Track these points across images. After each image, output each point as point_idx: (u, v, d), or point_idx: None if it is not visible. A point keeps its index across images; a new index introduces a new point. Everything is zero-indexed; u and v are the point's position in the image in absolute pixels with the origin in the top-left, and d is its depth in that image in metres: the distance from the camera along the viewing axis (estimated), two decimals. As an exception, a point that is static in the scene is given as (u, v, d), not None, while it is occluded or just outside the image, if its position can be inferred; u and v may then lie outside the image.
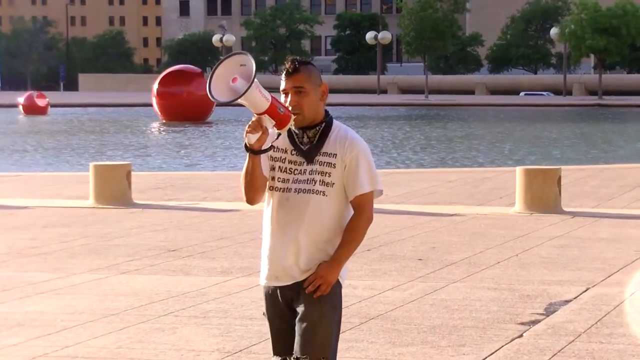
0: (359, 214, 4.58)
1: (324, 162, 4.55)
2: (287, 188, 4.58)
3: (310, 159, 4.56)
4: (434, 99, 76.77)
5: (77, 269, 10.11)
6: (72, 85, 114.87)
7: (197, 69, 52.90)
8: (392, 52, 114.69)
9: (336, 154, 4.55)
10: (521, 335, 7.44)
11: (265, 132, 4.44)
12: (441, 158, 29.22)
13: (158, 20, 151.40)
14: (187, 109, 47.80)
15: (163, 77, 49.45)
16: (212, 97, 4.41)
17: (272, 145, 4.54)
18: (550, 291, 8.98)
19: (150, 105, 51.43)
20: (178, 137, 38.53)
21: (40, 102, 58.63)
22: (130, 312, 8.22)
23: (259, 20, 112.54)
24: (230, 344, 7.19)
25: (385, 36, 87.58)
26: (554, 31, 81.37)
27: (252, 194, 4.62)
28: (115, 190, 15.28)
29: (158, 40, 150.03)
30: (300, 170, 4.57)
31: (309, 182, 4.56)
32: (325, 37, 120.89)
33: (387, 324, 7.77)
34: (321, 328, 4.55)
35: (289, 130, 4.58)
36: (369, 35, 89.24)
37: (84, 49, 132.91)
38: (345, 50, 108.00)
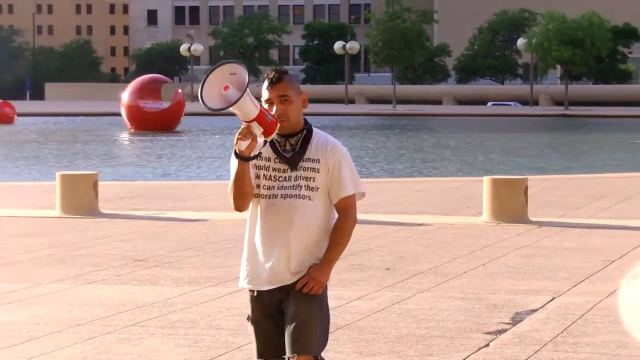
0: (345, 216, 4.76)
1: (308, 168, 4.72)
2: (274, 194, 4.74)
3: (294, 166, 4.72)
4: (401, 109, 76.99)
5: (44, 279, 10.06)
6: (38, 95, 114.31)
7: (166, 79, 52.84)
8: (360, 62, 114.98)
9: (319, 160, 4.72)
10: (488, 345, 7.47)
11: (254, 139, 4.58)
12: (409, 168, 29.30)
13: (126, 30, 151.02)
14: (155, 119, 47.72)
15: (132, 87, 49.34)
16: (205, 104, 4.52)
17: (260, 152, 4.68)
18: (516, 300, 9.02)
19: (118, 114, 51.31)
20: (146, 147, 38.43)
21: (7, 111, 58.31)
22: (97, 322, 8.18)
23: (227, 29, 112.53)
24: (197, 354, 7.18)
25: (353, 46, 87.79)
26: (520, 42, 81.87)
27: (241, 201, 4.76)
28: (82, 200, 15.21)
29: (125, 49, 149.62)
30: (285, 177, 4.73)
31: (294, 187, 4.71)
32: (294, 46, 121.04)
33: (355, 333, 7.78)
34: (310, 327, 4.68)
35: (270, 140, 4.71)
36: (337, 45, 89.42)
37: (50, 58, 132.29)
38: (313, 60, 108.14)
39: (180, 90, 51.55)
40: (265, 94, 4.73)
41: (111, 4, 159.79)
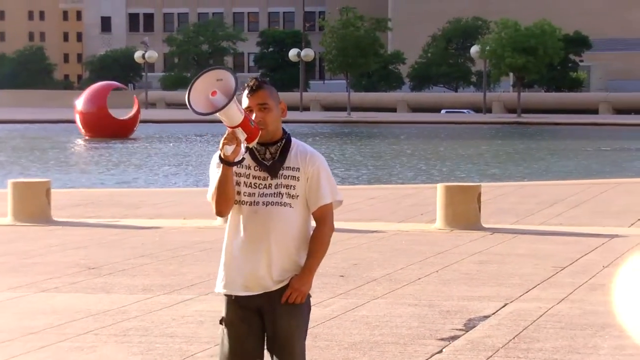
0: (322, 224, 4.94)
1: (288, 176, 4.86)
2: (255, 202, 4.85)
3: (274, 174, 4.85)
4: (356, 116, 77.12)
5: (-4, 288, 9.98)
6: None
7: (122, 85, 52.60)
8: (315, 70, 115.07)
9: (299, 168, 4.86)
10: (441, 351, 7.52)
11: (239, 144, 4.71)
12: (363, 175, 29.38)
13: (79, 36, 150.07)
14: (111, 126, 47.49)
15: (87, 94, 49.07)
16: (193, 109, 4.64)
17: (243, 158, 4.80)
18: (469, 307, 9.08)
19: (72, 121, 50.96)
20: (100, 154, 38.21)
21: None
22: (50, 330, 8.13)
23: (181, 36, 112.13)
24: (151, 362, 7.16)
25: (308, 53, 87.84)
26: (474, 49, 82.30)
27: (224, 206, 4.84)
28: (34, 207, 15.10)
29: (79, 56, 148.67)
30: (265, 184, 4.85)
31: (276, 195, 4.84)
32: (248, 54, 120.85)
33: (309, 340, 7.76)
34: (298, 337, 4.87)
35: (249, 148, 4.83)
36: (292, 53, 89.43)
37: (2, 65, 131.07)
38: (268, 67, 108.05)
39: (135, 97, 51.33)
40: (245, 102, 4.84)
41: (64, 11, 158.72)
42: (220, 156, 4.75)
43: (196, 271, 10.91)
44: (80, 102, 48.53)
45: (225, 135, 4.71)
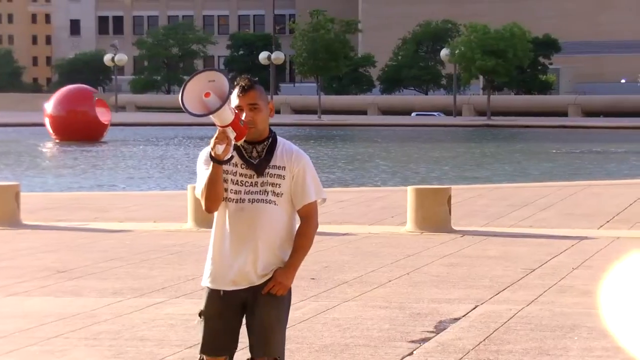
0: (307, 222, 5.06)
1: (274, 174, 4.99)
2: (241, 199, 4.97)
3: (260, 172, 4.98)
4: (326, 119, 77.20)
5: (-35, 292, 9.92)
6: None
7: (91, 88, 52.34)
8: (286, 73, 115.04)
9: (285, 167, 5.00)
10: (411, 353, 7.54)
11: (230, 143, 4.82)
12: (333, 178, 29.40)
13: (48, 39, 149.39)
14: (81, 129, 47.28)
15: (57, 97, 48.84)
16: (187, 110, 4.75)
17: (232, 155, 4.90)
18: (440, 309, 9.11)
19: (42, 124, 50.69)
20: (70, 158, 38.04)
21: None
22: (19, 334, 8.09)
23: (151, 39, 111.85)
24: (121, 366, 7.14)
25: (278, 56, 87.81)
26: (444, 52, 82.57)
27: (213, 202, 4.95)
28: (3, 211, 15.02)
29: (48, 59, 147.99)
30: (252, 182, 4.98)
31: (261, 192, 4.97)
32: (219, 57, 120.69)
33: (280, 343, 7.80)
34: (278, 329, 5.01)
35: (236, 145, 4.95)
36: (262, 56, 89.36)
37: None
38: (238, 70, 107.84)
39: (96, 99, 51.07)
40: (235, 101, 4.96)
41: (33, 14, 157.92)
42: (210, 154, 4.87)
43: (167, 274, 10.89)
44: (49, 105, 48.30)
45: (216, 135, 4.83)
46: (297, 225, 5.13)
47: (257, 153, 5.01)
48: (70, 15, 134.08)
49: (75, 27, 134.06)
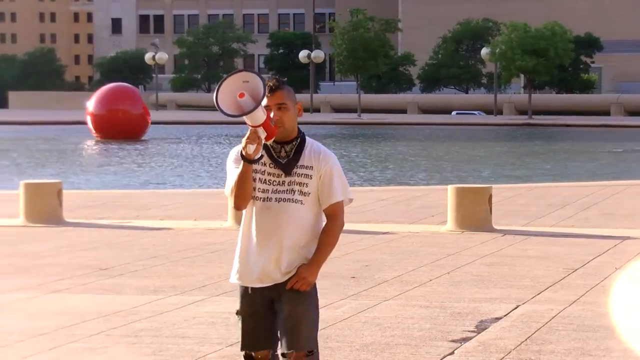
0: (333, 221, 5.14)
1: (302, 174, 5.04)
2: (268, 197, 5.03)
3: (288, 172, 5.03)
4: (366, 117, 77.13)
5: (6, 288, 9.99)
6: (2, 103, 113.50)
7: (132, 87, 52.64)
8: (325, 71, 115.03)
9: (312, 167, 5.05)
10: (452, 353, 7.50)
11: (260, 142, 4.89)
12: (373, 177, 29.36)
13: (90, 38, 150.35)
14: (122, 127, 47.54)
15: (98, 95, 49.14)
16: (221, 110, 4.84)
17: (262, 155, 4.97)
18: (481, 309, 9.06)
19: (83, 123, 51.02)
20: (111, 156, 38.26)
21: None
22: (60, 331, 8.13)
23: (191, 38, 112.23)
24: (162, 363, 7.16)
25: (318, 55, 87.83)
26: (484, 51, 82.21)
27: (242, 200, 5.02)
28: (45, 208, 15.12)
29: (90, 57, 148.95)
30: (279, 181, 5.04)
31: (288, 192, 5.03)
32: (258, 55, 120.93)
33: (320, 342, 7.76)
34: (305, 324, 5.04)
35: (265, 145, 5.02)
36: (302, 54, 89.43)
37: (14, 66, 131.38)
38: (278, 69, 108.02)
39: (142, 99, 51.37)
40: (263, 101, 4.98)
41: (75, 13, 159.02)
42: (241, 154, 4.92)
43: (207, 272, 10.91)
44: (91, 103, 48.61)
45: (247, 135, 4.89)
46: (323, 225, 5.18)
47: (285, 153, 5.07)
48: (112, 14, 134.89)
49: (116, 25, 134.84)
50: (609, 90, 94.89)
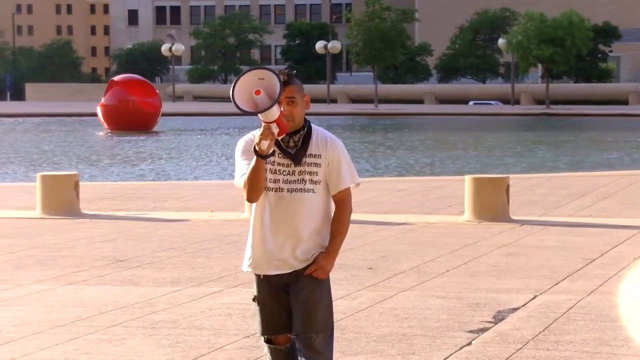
0: (343, 207, 5.21)
1: (311, 163, 5.11)
2: (279, 188, 5.10)
3: (298, 161, 5.10)
4: (383, 108, 77.07)
5: (24, 280, 10.02)
6: (19, 95, 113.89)
7: (143, 79, 52.63)
8: (342, 62, 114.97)
9: (320, 155, 5.12)
10: (470, 343, 7.48)
11: (273, 138, 4.94)
12: (390, 167, 29.33)
13: (106, 30, 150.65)
14: (133, 119, 47.57)
15: (108, 86, 49.20)
16: (237, 106, 4.89)
17: (274, 150, 5.03)
18: (498, 299, 9.03)
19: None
20: (126, 147, 38.34)
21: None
22: (78, 323, 8.15)
23: (208, 29, 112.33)
24: (179, 355, 7.16)
25: (334, 45, 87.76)
26: (501, 41, 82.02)
27: (255, 193, 5.08)
28: (62, 200, 15.16)
29: (106, 49, 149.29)
30: (289, 171, 5.10)
31: (299, 181, 5.10)
32: (275, 46, 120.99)
33: (337, 333, 7.76)
34: (321, 308, 5.14)
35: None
36: (319, 45, 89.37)
37: (31, 58, 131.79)
38: (295, 60, 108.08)
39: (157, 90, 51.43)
40: None
41: (91, 4, 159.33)
42: (255, 149, 4.96)
43: (224, 264, 10.91)
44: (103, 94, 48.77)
45: (261, 131, 4.93)
46: (332, 209, 5.27)
47: (293, 143, 5.11)
48: (128, 5, 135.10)
49: (133, 17, 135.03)
50: (628, 79, 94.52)
